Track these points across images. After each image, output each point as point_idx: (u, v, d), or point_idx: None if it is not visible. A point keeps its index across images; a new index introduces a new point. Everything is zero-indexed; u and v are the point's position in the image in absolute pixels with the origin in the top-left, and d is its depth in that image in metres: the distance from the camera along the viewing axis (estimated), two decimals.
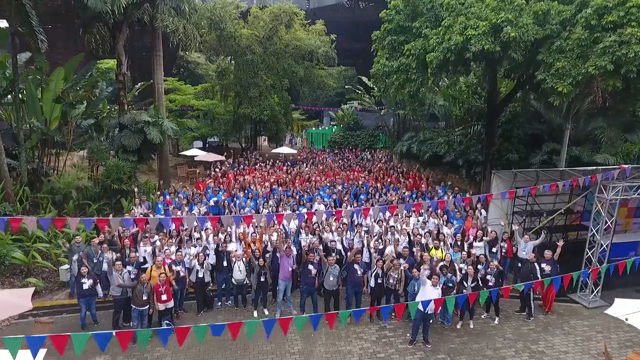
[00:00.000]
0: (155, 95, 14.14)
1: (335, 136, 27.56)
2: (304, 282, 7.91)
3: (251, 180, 13.62)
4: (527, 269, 7.98)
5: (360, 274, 7.84)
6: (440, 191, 12.81)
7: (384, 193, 12.50)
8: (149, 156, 14.29)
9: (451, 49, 9.05)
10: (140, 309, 7.12)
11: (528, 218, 10.42)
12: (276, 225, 9.19)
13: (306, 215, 6.94)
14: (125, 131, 13.24)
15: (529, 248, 8.74)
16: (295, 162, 18.50)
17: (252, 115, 19.78)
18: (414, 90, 10.99)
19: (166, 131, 13.29)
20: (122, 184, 12.17)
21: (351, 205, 11.34)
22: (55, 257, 9.67)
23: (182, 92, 24.24)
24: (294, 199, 11.80)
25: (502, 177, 10.83)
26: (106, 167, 12.41)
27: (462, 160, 16.67)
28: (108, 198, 12.68)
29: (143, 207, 11.13)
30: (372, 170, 17.13)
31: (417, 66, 10.56)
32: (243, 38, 19.01)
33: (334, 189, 13.03)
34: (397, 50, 11.55)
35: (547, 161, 13.82)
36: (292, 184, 13.56)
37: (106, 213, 12.31)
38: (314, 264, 7.85)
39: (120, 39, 13.08)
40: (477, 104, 17.34)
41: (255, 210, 11.18)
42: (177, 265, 7.92)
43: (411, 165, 21.07)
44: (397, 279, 7.86)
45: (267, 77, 20.06)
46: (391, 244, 8.85)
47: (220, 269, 8.31)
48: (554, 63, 8.70)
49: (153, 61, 13.64)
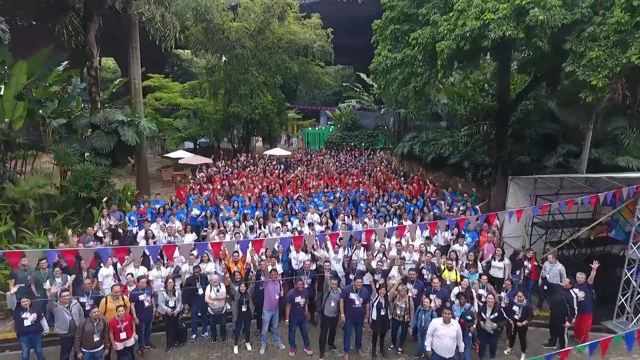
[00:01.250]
0: (132, 92, 12.78)
1: (332, 136, 26.26)
2: (293, 313, 6.61)
3: (238, 187, 12.28)
4: (560, 296, 6.70)
5: (360, 304, 6.52)
6: (448, 198, 11.48)
7: (385, 201, 11.20)
8: (125, 159, 12.92)
9: (466, 37, 7.76)
10: (92, 351, 5.78)
11: (550, 230, 9.20)
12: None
13: (292, 240, 5.58)
14: (97, 132, 11.87)
15: (555, 271, 7.49)
16: (289, 165, 17.17)
17: (242, 114, 18.42)
18: (420, 86, 9.71)
19: (143, 132, 11.92)
20: (91, 192, 10.79)
21: (349, 216, 10.03)
22: (3, 278, 8.29)
23: (170, 90, 22.85)
24: (283, 209, 10.47)
25: (519, 183, 9.58)
26: (73, 172, 11.03)
27: (468, 162, 15.46)
28: (77, 207, 11.30)
29: (113, 219, 9.78)
30: (373, 174, 15.81)
31: (424, 58, 9.28)
32: (232, 31, 17.65)
33: (330, 195, 11.72)
34: (400, 41, 10.26)
35: (562, 164, 12.59)
36: (283, 191, 12.22)
37: (74, 224, 10.96)
38: (301, 293, 6.55)
39: (91, 28, 11.71)
40: (484, 102, 16.09)
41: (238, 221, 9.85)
42: (141, 293, 6.59)
43: (412, 167, 19.85)
44: (406, 309, 6.58)
45: (258, 74, 18.70)
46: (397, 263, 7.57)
47: (194, 296, 6.99)
48: (586, 52, 7.44)
49: (129, 54, 12.29)
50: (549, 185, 9.46)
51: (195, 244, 6.24)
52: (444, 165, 16.95)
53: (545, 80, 11.23)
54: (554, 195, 9.57)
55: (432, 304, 6.37)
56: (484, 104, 16.24)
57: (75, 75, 14.45)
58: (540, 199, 9.42)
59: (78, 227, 10.64)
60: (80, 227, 10.58)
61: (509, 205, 9.60)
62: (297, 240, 5.94)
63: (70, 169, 11.20)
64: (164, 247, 6.55)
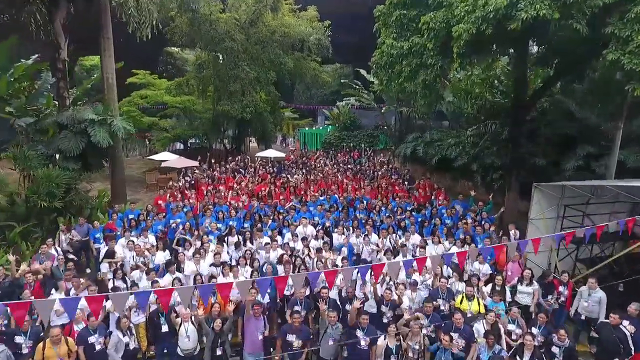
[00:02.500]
0: (104, 87, 11.42)
1: (330, 137, 24.94)
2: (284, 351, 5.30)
3: (225, 194, 10.95)
4: (609, 334, 5.44)
5: (366, 346, 5.23)
6: (458, 207, 10.19)
7: (389, 210, 9.90)
8: (98, 163, 11.55)
9: (488, 18, 6.50)
10: None
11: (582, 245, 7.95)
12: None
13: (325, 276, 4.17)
14: (65, 132, 10.52)
15: (595, 298, 6.24)
16: (283, 168, 15.84)
17: (232, 113, 17.06)
18: (431, 79, 8.44)
19: (117, 132, 10.58)
20: (55, 200, 9.44)
21: (348, 229, 8.75)
22: None
23: (157, 87, 21.46)
24: (275, 220, 9.17)
25: (544, 191, 8.32)
26: (35, 178, 9.68)
27: (476, 164, 14.28)
28: (40, 217, 9.94)
29: (75, 233, 8.42)
30: (375, 177, 14.52)
31: (435, 47, 8.02)
32: (221, 22, 16.29)
33: (326, 202, 10.42)
34: (407, 28, 9.01)
35: (583, 167, 11.44)
36: (276, 197, 10.90)
37: (36, 236, 9.62)
38: (297, 331, 5.24)
39: (57, 16, 10.36)
40: (495, 99, 14.86)
41: (223, 235, 8.55)
42: (91, 334, 5.28)
43: (416, 169, 18.61)
44: (420, 351, 5.30)
45: (250, 69, 17.36)
46: (407, 289, 6.29)
47: (158, 334, 5.69)
48: (633, 37, 6.22)
49: (100, 45, 10.94)
50: (578, 192, 8.20)
51: (196, 287, 4.35)
52: (450, 167, 15.77)
53: (568, 74, 9.99)
54: (584, 204, 8.34)
55: (453, 342, 5.13)
56: (494, 102, 15.02)
57: (46, 70, 13.07)
58: (570, 209, 8.19)
59: (39, 241, 9.31)
60: (41, 241, 9.24)
61: (533, 216, 8.35)
62: (330, 276, 4.48)
63: (32, 174, 9.84)
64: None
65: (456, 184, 16.63)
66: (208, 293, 3.96)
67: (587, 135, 11.84)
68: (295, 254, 7.47)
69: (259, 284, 3.98)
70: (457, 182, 16.63)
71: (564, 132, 12.47)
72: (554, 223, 8.47)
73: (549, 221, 8.32)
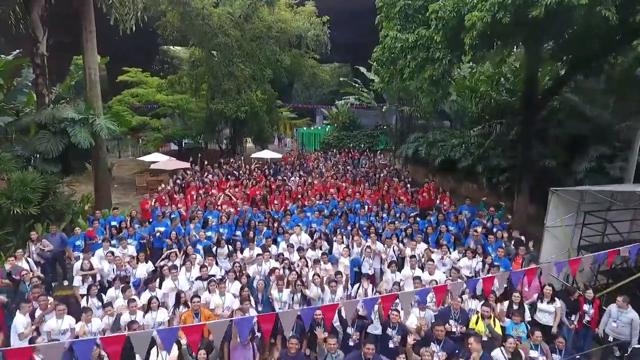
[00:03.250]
0: (86, 84, 10.67)
1: (328, 137, 24.23)
2: None
3: (216, 199, 10.21)
4: None
5: None
6: (466, 213, 9.49)
7: (393, 216, 9.20)
8: (80, 165, 10.80)
9: (506, 4, 5.81)
10: None
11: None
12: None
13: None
14: (43, 132, 9.77)
15: (625, 319, 5.57)
16: (278, 170, 15.10)
17: (226, 112, 16.33)
18: (438, 74, 7.74)
19: (100, 132, 9.84)
20: (30, 206, 8.70)
21: (348, 237, 8.05)
22: None
23: (149, 86, 20.68)
24: (270, 228, 8.46)
25: (562, 196, 7.63)
26: (8, 182, 8.94)
27: (481, 166, 13.66)
28: (15, 225, 9.18)
29: (47, 243, 7.64)
30: (376, 180, 13.82)
31: (443, 39, 7.33)
32: (214, 17, 15.55)
33: (326, 209, 9.71)
34: (412, 20, 8.32)
35: (595, 169, 10.81)
36: (271, 203, 10.17)
37: (9, 246, 8.87)
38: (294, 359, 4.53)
39: (34, 7, 9.62)
40: (501, 97, 14.20)
41: (213, 243, 7.82)
42: None
43: (418, 171, 17.94)
44: None
45: (245, 67, 16.62)
46: (415, 307, 5.60)
47: None
48: None
49: (82, 39, 10.19)
50: (599, 198, 7.53)
51: (157, 330, 3.38)
52: (454, 169, 15.13)
53: (584, 70, 9.33)
54: (605, 211, 7.67)
55: None
56: (500, 100, 14.36)
57: (27, 66, 12.31)
58: (590, 216, 7.52)
59: (12, 250, 8.56)
60: (14, 250, 8.49)
61: (549, 223, 7.67)
62: (329, 312, 3.68)
63: (6, 178, 9.09)
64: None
65: (460, 186, 15.98)
66: (172, 338, 3.10)
67: (600, 135, 11.21)
68: (291, 267, 6.75)
69: (238, 326, 3.25)
70: (461, 184, 15.98)
71: (574, 132, 11.84)
72: (572, 230, 7.80)
73: (568, 228, 7.65)
